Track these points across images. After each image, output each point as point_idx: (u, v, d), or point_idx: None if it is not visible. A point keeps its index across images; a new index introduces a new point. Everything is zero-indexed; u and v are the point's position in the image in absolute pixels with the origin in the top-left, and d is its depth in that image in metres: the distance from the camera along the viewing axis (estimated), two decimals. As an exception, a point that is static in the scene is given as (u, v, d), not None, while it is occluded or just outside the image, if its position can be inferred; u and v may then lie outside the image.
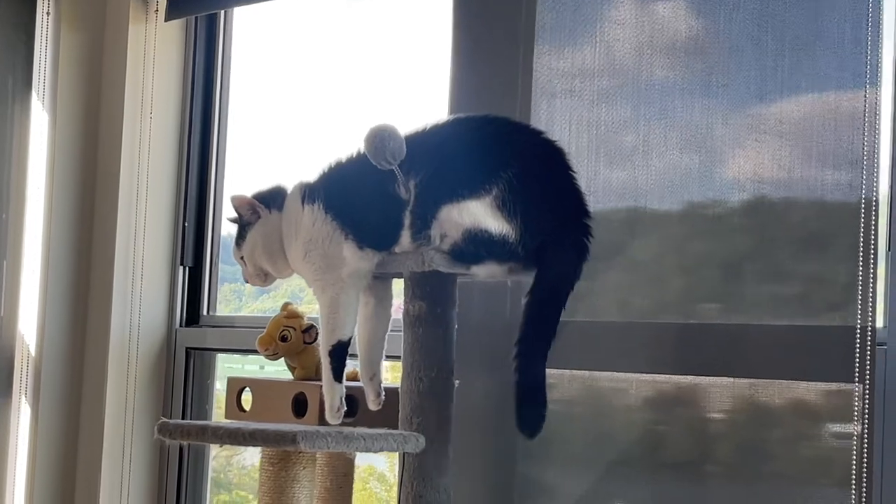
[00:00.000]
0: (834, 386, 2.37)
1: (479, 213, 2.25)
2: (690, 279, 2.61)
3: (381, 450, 2.17)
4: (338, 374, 2.37)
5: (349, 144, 2.42)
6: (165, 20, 3.75)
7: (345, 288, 2.35)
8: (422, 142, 2.33)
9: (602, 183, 2.69)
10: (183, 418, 3.77)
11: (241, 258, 2.47)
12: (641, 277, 2.65)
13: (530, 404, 2.23)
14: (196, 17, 3.79)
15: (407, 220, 2.30)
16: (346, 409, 2.39)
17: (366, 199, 2.35)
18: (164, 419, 2.21)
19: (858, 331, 2.30)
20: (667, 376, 2.59)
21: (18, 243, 3.84)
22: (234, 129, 3.84)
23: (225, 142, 3.83)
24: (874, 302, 2.28)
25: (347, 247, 2.34)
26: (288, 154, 3.69)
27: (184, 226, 3.81)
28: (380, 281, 2.44)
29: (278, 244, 2.42)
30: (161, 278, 3.81)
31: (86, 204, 3.83)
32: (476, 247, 2.25)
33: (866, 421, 2.27)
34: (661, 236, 2.63)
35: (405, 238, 2.31)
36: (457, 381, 2.38)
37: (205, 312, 3.83)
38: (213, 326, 3.76)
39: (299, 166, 3.36)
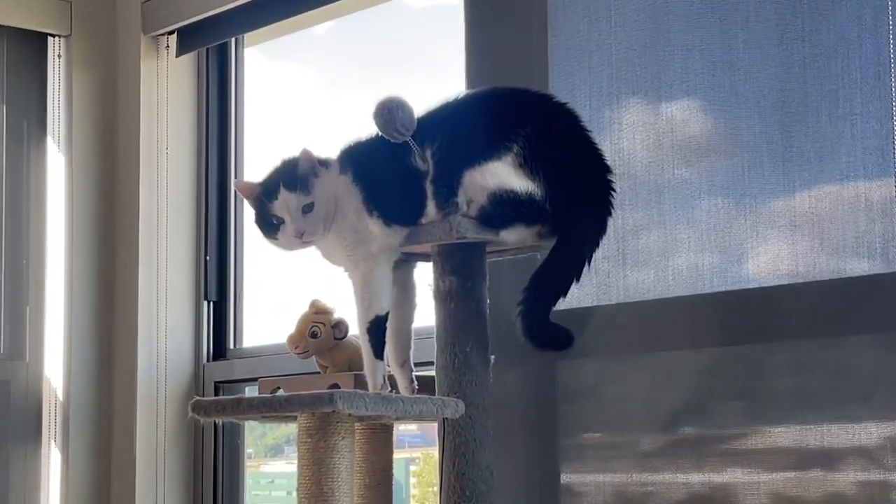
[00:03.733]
0: (862, 476, 2.33)
1: (503, 174, 2.22)
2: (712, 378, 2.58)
3: (421, 414, 2.12)
4: (378, 352, 2.32)
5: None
6: (177, 56, 3.77)
7: (377, 262, 2.31)
8: (434, 114, 2.32)
9: (620, 284, 2.68)
10: (215, 454, 3.73)
11: (305, 207, 2.31)
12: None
13: (546, 335, 2.22)
14: (207, 50, 3.81)
15: (430, 190, 2.27)
16: (389, 388, 2.33)
17: (386, 175, 2.32)
18: (198, 397, 2.16)
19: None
20: (698, 479, 2.54)
21: (41, 287, 3.83)
22: (251, 158, 3.83)
23: (243, 172, 3.82)
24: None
25: (374, 223, 2.31)
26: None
27: (206, 260, 3.79)
28: (403, 266, 2.39)
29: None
30: (186, 314, 3.79)
31: (106, 244, 3.82)
32: (504, 208, 2.22)
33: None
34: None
35: (431, 208, 2.28)
36: (492, 357, 2.33)
37: (231, 346, 3.79)
38: (241, 358, 3.72)
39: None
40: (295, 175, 2.33)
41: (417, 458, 3.71)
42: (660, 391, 2.64)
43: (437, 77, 3.41)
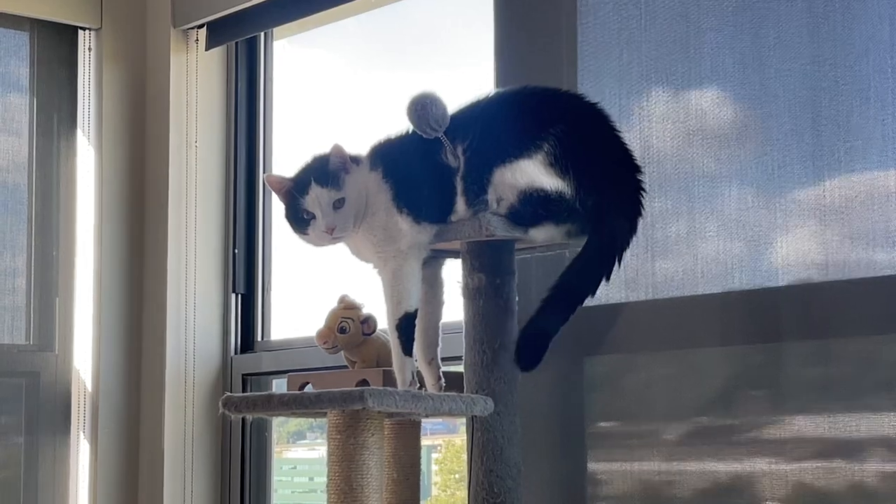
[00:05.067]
0: (888, 467, 2.32)
1: (533, 172, 2.23)
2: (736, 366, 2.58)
3: (450, 411, 2.12)
4: (407, 348, 2.32)
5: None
6: (206, 49, 3.78)
7: (407, 259, 2.32)
8: (465, 111, 2.33)
9: (647, 273, 2.69)
10: (242, 448, 3.74)
11: (336, 202, 2.30)
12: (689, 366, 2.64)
13: (531, 347, 2.24)
14: (236, 44, 3.82)
15: (459, 187, 2.28)
16: (418, 385, 2.34)
17: (416, 173, 2.33)
18: (229, 393, 2.17)
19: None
20: (719, 467, 2.55)
21: (70, 279, 3.85)
22: (280, 152, 3.84)
23: (271, 166, 3.83)
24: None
25: (403, 220, 2.31)
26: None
27: (234, 253, 3.81)
28: (431, 263, 2.40)
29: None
30: (214, 306, 3.80)
31: (135, 236, 3.84)
32: (534, 207, 2.23)
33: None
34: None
35: (460, 205, 2.29)
36: (521, 353, 2.34)
37: (259, 338, 3.80)
38: (269, 351, 3.74)
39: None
40: (326, 170, 2.33)
41: (439, 445, 3.72)
42: (685, 384, 2.64)
43: (468, 67, 3.40)
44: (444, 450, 3.71)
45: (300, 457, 4.10)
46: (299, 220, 2.35)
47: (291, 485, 4.14)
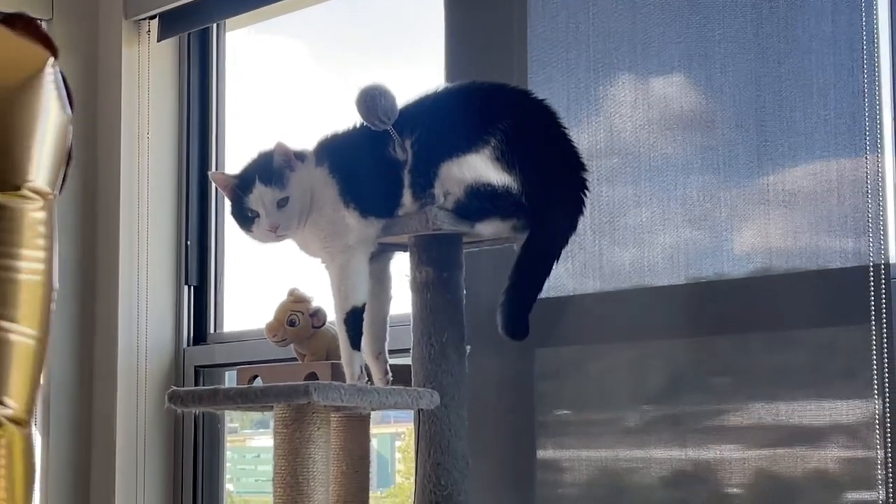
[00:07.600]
0: (853, 453, 2.35)
1: (480, 167, 2.24)
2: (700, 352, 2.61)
3: (396, 405, 2.14)
4: (355, 343, 2.33)
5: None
6: (158, 40, 3.76)
7: (354, 254, 2.32)
8: (414, 105, 2.33)
9: (607, 262, 2.69)
10: (195, 438, 3.74)
11: (280, 201, 2.31)
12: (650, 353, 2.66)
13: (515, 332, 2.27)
14: (188, 35, 3.81)
15: (407, 181, 2.28)
16: (367, 379, 2.35)
17: (364, 166, 2.34)
18: (175, 387, 2.18)
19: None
20: (683, 454, 2.57)
21: (21, 271, 3.82)
22: (233, 144, 3.84)
23: (223, 158, 3.83)
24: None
25: (350, 215, 2.32)
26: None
27: (186, 244, 3.80)
28: (379, 257, 2.41)
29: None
30: (166, 298, 3.79)
31: (87, 228, 3.82)
32: (480, 201, 2.24)
33: (891, 490, 2.26)
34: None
35: (407, 199, 2.29)
36: (468, 347, 2.35)
37: (212, 330, 3.80)
38: (221, 343, 3.74)
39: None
40: (270, 168, 2.34)
41: (402, 433, 3.73)
42: (637, 375, 2.67)
43: (423, 59, 3.41)
44: (408, 437, 3.73)
45: (264, 445, 4.10)
46: (244, 218, 2.36)
47: (255, 473, 4.14)
